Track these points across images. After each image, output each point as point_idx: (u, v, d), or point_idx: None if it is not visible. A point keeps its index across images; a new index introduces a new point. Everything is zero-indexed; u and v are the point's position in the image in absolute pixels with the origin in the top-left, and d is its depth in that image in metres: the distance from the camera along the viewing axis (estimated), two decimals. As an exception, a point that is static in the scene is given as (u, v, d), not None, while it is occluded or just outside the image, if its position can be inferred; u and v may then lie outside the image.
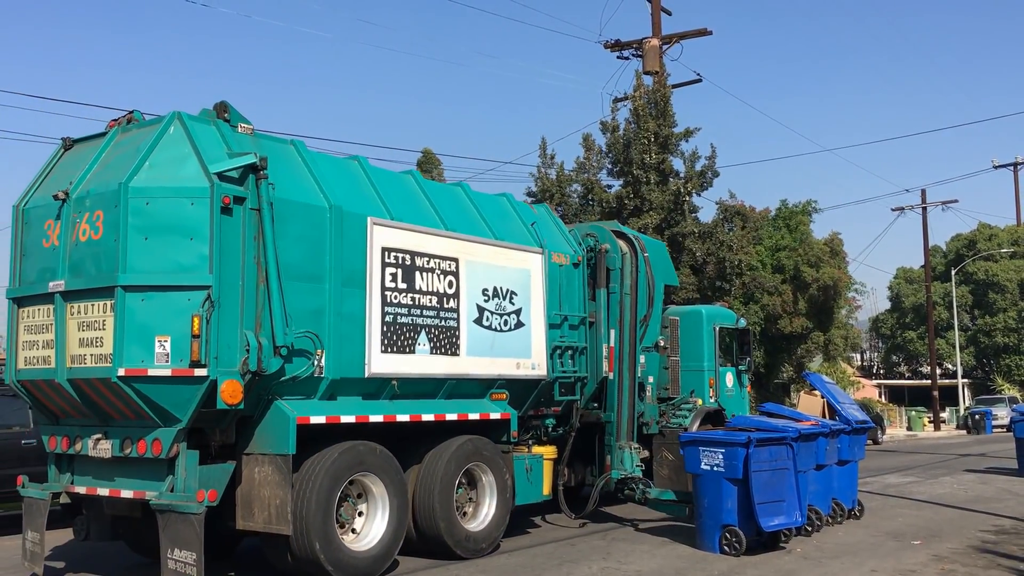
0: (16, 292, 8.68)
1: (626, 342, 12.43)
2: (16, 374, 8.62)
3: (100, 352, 7.85)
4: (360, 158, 10.02)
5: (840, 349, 38.04)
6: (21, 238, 8.76)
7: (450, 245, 10.02)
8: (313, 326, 8.55)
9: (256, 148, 8.49)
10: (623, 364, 12.36)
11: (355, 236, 9.01)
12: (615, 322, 12.39)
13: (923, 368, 62.92)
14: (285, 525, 8.02)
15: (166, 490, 7.91)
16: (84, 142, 8.98)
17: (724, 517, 10.04)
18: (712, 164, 25.77)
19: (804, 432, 10.83)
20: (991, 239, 61.78)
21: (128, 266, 7.77)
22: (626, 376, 12.37)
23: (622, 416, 12.31)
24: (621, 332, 12.38)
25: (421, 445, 9.69)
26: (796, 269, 31.97)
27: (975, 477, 18.80)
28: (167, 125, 8.27)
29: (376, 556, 8.78)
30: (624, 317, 12.47)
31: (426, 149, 30.61)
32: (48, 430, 8.79)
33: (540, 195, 25.52)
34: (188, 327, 7.71)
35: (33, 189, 8.91)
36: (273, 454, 8.20)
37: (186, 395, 7.77)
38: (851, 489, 12.29)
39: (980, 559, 9.67)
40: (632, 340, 12.51)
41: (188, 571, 7.57)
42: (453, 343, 9.92)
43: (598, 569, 9.19)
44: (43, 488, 8.80)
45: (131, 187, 7.87)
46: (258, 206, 8.20)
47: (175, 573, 7.65)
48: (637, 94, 25.55)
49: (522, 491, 10.69)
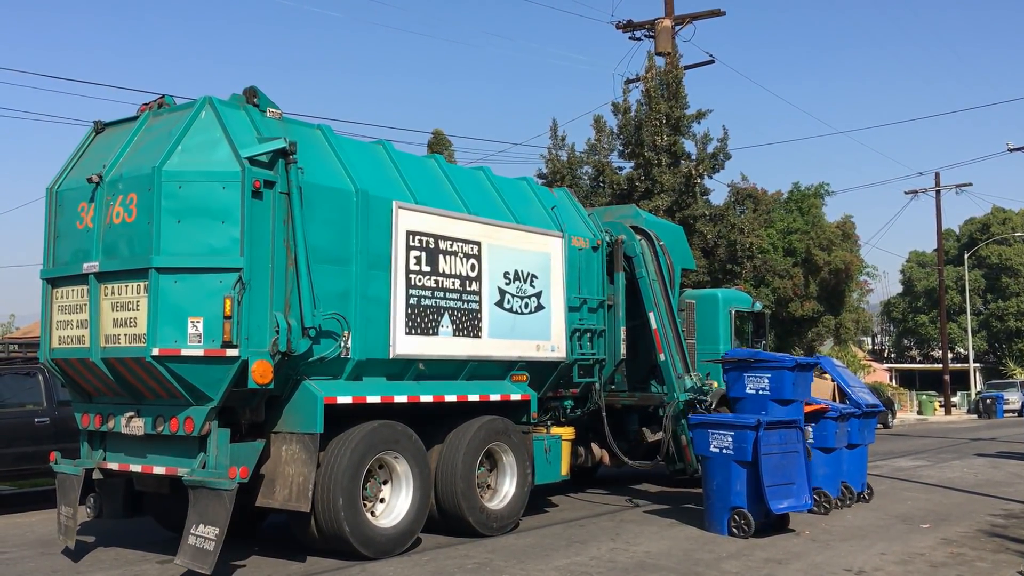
0: (50, 273, 8.89)
1: (668, 324, 12.68)
2: (50, 353, 8.84)
3: (134, 332, 8.05)
4: (385, 142, 10.17)
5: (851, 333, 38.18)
6: (55, 220, 8.94)
7: (473, 229, 10.19)
8: (340, 308, 8.74)
9: (285, 133, 8.65)
10: (670, 346, 12.59)
11: (381, 220, 9.19)
12: (651, 305, 12.57)
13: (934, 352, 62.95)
14: (304, 503, 8.22)
15: (198, 467, 8.13)
16: (116, 126, 9.15)
17: (733, 499, 10.17)
18: (724, 146, 25.79)
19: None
20: (1005, 223, 61.64)
21: (161, 248, 7.95)
22: (676, 355, 12.61)
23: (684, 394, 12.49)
24: (659, 315, 12.57)
25: (443, 425, 9.89)
26: (808, 252, 32.04)
27: (985, 461, 18.93)
28: (199, 110, 8.43)
29: (400, 532, 9.01)
30: (659, 301, 12.71)
31: (437, 130, 30.71)
32: (81, 408, 9.01)
33: (551, 177, 25.59)
34: (220, 308, 7.91)
35: (66, 172, 9.09)
36: (301, 432, 8.41)
37: (218, 375, 7.97)
38: (861, 472, 12.41)
39: (989, 543, 9.80)
40: (672, 321, 12.78)
41: (207, 546, 7.76)
42: (475, 325, 10.11)
43: (607, 550, 9.35)
44: (76, 464, 9.03)
45: (164, 171, 8.04)
46: (287, 190, 8.37)
47: (193, 548, 7.85)
48: (649, 75, 25.53)
49: (541, 471, 10.89)
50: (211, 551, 7.70)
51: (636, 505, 12.44)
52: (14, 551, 9.62)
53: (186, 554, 7.88)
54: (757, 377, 10.72)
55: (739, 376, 10.87)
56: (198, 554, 7.78)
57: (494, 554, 9.16)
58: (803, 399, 10.91)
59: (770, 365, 10.72)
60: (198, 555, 7.78)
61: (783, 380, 10.54)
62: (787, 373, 10.55)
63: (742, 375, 10.83)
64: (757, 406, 10.59)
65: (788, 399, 10.55)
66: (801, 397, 10.81)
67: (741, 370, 10.86)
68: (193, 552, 7.82)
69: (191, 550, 7.85)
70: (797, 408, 10.68)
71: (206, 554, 7.73)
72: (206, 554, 7.73)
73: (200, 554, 7.77)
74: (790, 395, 10.55)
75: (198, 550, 7.80)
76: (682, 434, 12.42)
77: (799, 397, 10.78)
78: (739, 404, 10.91)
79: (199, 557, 7.77)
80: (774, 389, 10.58)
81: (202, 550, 7.77)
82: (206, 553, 7.73)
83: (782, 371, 10.60)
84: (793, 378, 10.58)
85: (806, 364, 11.05)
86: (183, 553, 7.90)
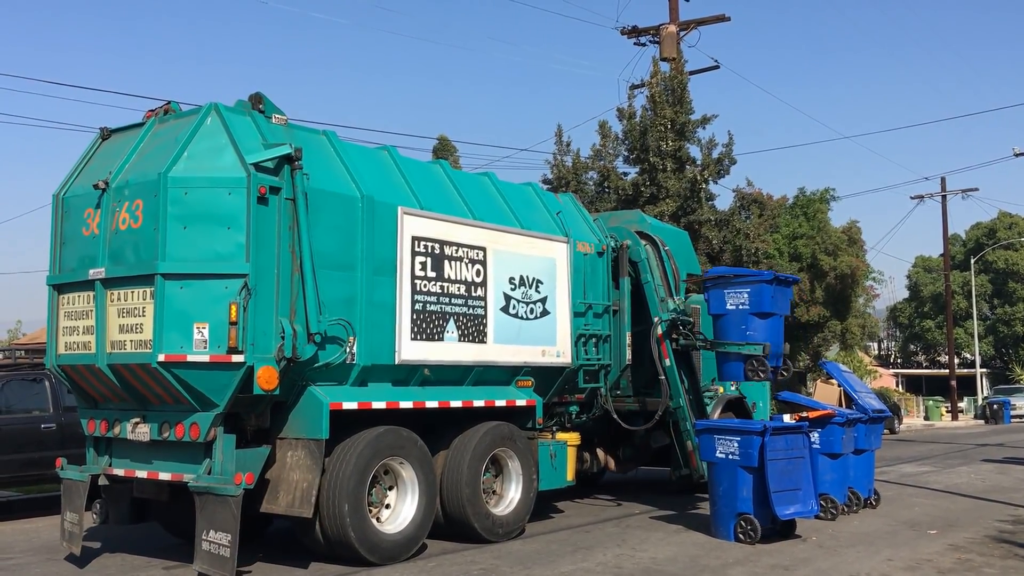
0: (56, 279, 8.91)
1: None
2: (57, 358, 8.85)
3: (140, 338, 8.07)
4: (390, 148, 10.19)
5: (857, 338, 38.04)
6: (61, 226, 8.97)
7: (478, 234, 10.19)
8: (345, 314, 8.74)
9: (290, 139, 8.67)
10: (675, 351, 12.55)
11: (386, 225, 9.19)
12: (656, 311, 12.58)
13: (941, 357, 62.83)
14: (307, 508, 8.21)
15: (203, 473, 8.13)
16: (122, 132, 9.18)
17: (739, 505, 10.16)
18: (729, 151, 25.74)
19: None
20: (1011, 227, 61.54)
21: (167, 254, 7.97)
22: (682, 361, 12.60)
23: (688, 399, 12.54)
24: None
25: (449, 431, 9.89)
26: (813, 257, 31.97)
27: (993, 467, 18.87)
28: (204, 116, 8.45)
29: (406, 538, 9.00)
30: (664, 307, 12.69)
31: (441, 136, 30.69)
32: (87, 413, 9.02)
33: (556, 182, 25.59)
34: (226, 314, 7.92)
35: (72, 178, 9.12)
36: (306, 438, 8.41)
37: (224, 380, 7.98)
38: (867, 478, 12.39)
39: (997, 549, 9.77)
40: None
41: (223, 552, 7.79)
42: (480, 331, 10.11)
43: (612, 556, 9.34)
44: (82, 470, 9.04)
45: (170, 177, 8.06)
46: (293, 196, 8.39)
47: (209, 554, 7.88)
48: (654, 81, 25.52)
49: (546, 477, 10.87)
50: (228, 557, 7.72)
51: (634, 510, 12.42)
52: (20, 557, 9.63)
53: (203, 560, 7.89)
54: (737, 293, 11.02)
55: (720, 294, 11.21)
56: (216, 560, 7.80)
57: (500, 560, 9.15)
58: (783, 314, 11.29)
59: (749, 280, 11.19)
60: (216, 561, 7.80)
61: (762, 294, 10.83)
62: (765, 287, 10.90)
63: (722, 292, 11.16)
64: (738, 321, 10.80)
65: (767, 312, 10.79)
66: (780, 311, 11.21)
67: (721, 287, 11.21)
68: (210, 559, 7.84)
69: (207, 556, 7.87)
70: (777, 323, 10.84)
71: (224, 560, 7.74)
72: (224, 560, 7.74)
73: (218, 560, 7.78)
74: (769, 308, 10.90)
75: (215, 556, 7.81)
76: (687, 440, 12.40)
77: (778, 311, 11.16)
78: (721, 321, 11.13)
79: (217, 563, 7.79)
80: (753, 303, 10.89)
81: (219, 556, 7.78)
82: (224, 560, 7.74)
83: (760, 284, 11.03)
84: (772, 291, 10.90)
85: (784, 279, 11.52)
86: (200, 560, 7.91)
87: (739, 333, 11.46)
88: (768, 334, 11.38)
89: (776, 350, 11.51)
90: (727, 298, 11.10)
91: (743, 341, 11.46)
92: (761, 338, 11.35)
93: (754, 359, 10.76)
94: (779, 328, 11.59)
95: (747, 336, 11.41)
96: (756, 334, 11.33)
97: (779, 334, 11.72)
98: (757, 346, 11.36)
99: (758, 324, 10.83)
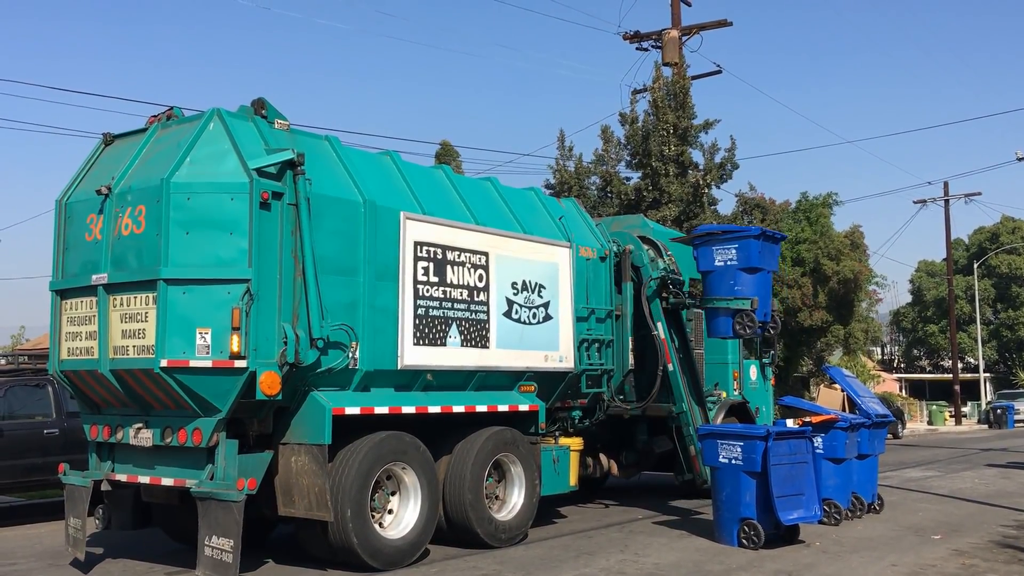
0: (59, 284, 8.92)
1: (675, 335, 12.68)
2: (59, 364, 8.86)
3: (142, 343, 8.07)
4: (392, 153, 10.20)
5: (860, 343, 37.95)
6: (64, 232, 8.98)
7: (480, 239, 10.19)
8: (348, 319, 8.74)
9: (292, 144, 8.68)
10: (677, 355, 12.59)
11: (388, 230, 9.20)
12: (658, 315, 12.58)
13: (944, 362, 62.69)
14: (326, 511, 8.21)
15: (206, 478, 8.13)
16: (124, 138, 9.19)
17: (742, 510, 10.14)
18: (732, 156, 25.78)
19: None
20: (1014, 232, 61.46)
21: (170, 260, 7.98)
22: (683, 366, 12.63)
23: (692, 404, 12.54)
24: (667, 325, 12.58)
25: (451, 436, 9.88)
26: (816, 262, 31.91)
27: (996, 472, 18.83)
28: (207, 121, 8.46)
29: (408, 543, 8.99)
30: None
31: (444, 141, 30.62)
32: (89, 419, 9.02)
33: (559, 187, 25.62)
34: (228, 319, 7.92)
35: (75, 184, 9.13)
36: (309, 444, 8.40)
37: (226, 386, 7.98)
38: (871, 483, 12.37)
39: (1001, 554, 9.74)
40: (681, 332, 12.79)
41: (225, 558, 7.78)
42: (483, 336, 10.10)
43: (616, 562, 9.32)
44: (84, 475, 9.04)
45: (173, 182, 8.07)
46: (295, 201, 8.39)
47: (212, 560, 7.87)
48: (656, 86, 25.55)
49: (549, 482, 10.86)
50: (231, 563, 7.72)
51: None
52: (23, 563, 9.63)
53: (206, 566, 7.89)
54: (725, 249, 11.25)
55: (708, 251, 11.43)
56: (218, 566, 7.80)
57: (503, 565, 9.14)
58: (770, 270, 11.49)
59: (736, 235, 11.39)
60: (218, 567, 7.80)
61: (750, 249, 11.04)
62: (753, 242, 11.12)
63: (711, 249, 11.37)
64: (726, 277, 10.96)
65: (755, 267, 10.99)
66: (768, 267, 11.39)
67: (709, 244, 11.38)
68: (213, 564, 7.84)
69: (210, 562, 7.87)
70: (765, 279, 11.17)
71: (226, 566, 7.74)
72: (226, 566, 7.74)
73: (220, 566, 7.78)
74: (756, 263, 11.13)
75: (217, 562, 7.81)
76: (691, 444, 12.39)
77: (766, 266, 11.34)
78: (709, 278, 11.40)
79: (219, 569, 7.79)
80: (741, 258, 11.10)
81: (221, 562, 7.78)
82: (226, 565, 7.74)
83: (748, 240, 11.24)
84: (759, 247, 11.09)
85: (771, 235, 11.71)
86: (202, 565, 7.91)
87: (727, 288, 11.60)
88: (756, 289, 11.54)
89: (764, 305, 11.63)
90: (715, 255, 11.34)
91: (731, 296, 11.59)
92: (749, 293, 11.49)
93: (743, 313, 10.91)
94: (767, 283, 11.83)
95: (735, 291, 11.54)
96: (744, 289, 11.49)
97: (767, 289, 11.90)
98: (745, 300, 11.51)
99: (746, 280, 11.07)
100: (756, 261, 11.07)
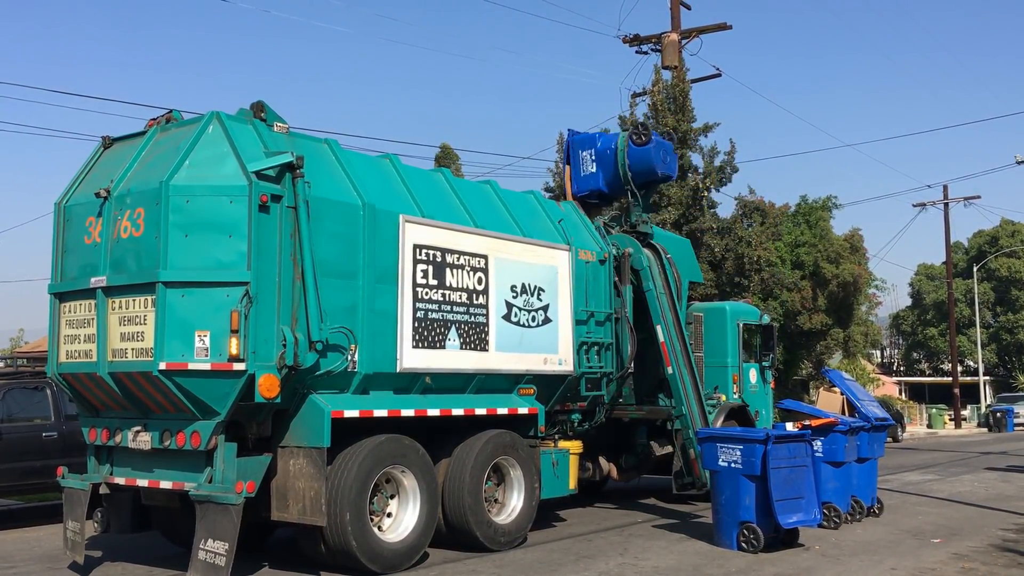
0: (58, 287, 8.91)
1: (675, 338, 12.70)
2: (58, 367, 8.85)
3: (141, 346, 8.06)
4: (392, 156, 10.20)
5: (860, 346, 37.92)
6: (63, 235, 8.97)
7: (480, 242, 10.18)
8: (347, 322, 8.73)
9: (292, 147, 8.67)
10: (678, 358, 12.62)
11: (388, 233, 9.19)
12: (658, 318, 12.57)
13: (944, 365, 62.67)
14: (320, 516, 8.21)
15: (204, 481, 8.12)
16: (123, 141, 9.19)
17: (742, 514, 10.13)
18: (731, 159, 25.77)
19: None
20: (1014, 235, 61.46)
21: (169, 262, 7.97)
22: (684, 369, 12.66)
23: (692, 407, 12.55)
24: (667, 328, 12.58)
25: (451, 439, 9.87)
26: (816, 265, 31.90)
27: (996, 475, 18.81)
28: (206, 124, 8.46)
29: (408, 547, 8.97)
30: (666, 315, 12.72)
31: (444, 144, 30.62)
32: (88, 422, 9.01)
33: (558, 191, 25.60)
34: (227, 322, 7.91)
35: (74, 187, 9.13)
36: (308, 447, 8.40)
37: (225, 389, 7.97)
38: (871, 487, 12.35)
39: (1001, 557, 9.73)
40: (680, 335, 12.79)
41: (218, 561, 7.76)
42: (482, 339, 10.09)
43: (615, 565, 9.31)
44: (83, 479, 9.03)
45: (172, 185, 8.07)
46: (294, 204, 8.39)
47: (204, 563, 7.85)
48: (656, 89, 25.55)
49: (548, 485, 10.85)
50: (223, 566, 7.70)
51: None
52: (21, 566, 9.61)
53: (197, 570, 7.87)
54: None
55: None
56: (210, 569, 7.77)
57: (502, 569, 9.12)
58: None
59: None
60: (210, 570, 7.78)
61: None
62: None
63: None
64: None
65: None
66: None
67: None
68: (204, 567, 7.81)
69: (202, 565, 7.84)
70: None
71: (219, 569, 7.72)
72: (219, 569, 7.72)
73: (212, 569, 7.76)
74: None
75: (209, 565, 7.79)
76: (690, 448, 12.38)
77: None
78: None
79: (211, 572, 7.77)
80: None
81: (213, 565, 7.76)
82: (218, 569, 7.72)
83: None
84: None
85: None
86: (194, 569, 7.89)
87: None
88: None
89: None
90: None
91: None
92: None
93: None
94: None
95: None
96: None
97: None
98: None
99: None
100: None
